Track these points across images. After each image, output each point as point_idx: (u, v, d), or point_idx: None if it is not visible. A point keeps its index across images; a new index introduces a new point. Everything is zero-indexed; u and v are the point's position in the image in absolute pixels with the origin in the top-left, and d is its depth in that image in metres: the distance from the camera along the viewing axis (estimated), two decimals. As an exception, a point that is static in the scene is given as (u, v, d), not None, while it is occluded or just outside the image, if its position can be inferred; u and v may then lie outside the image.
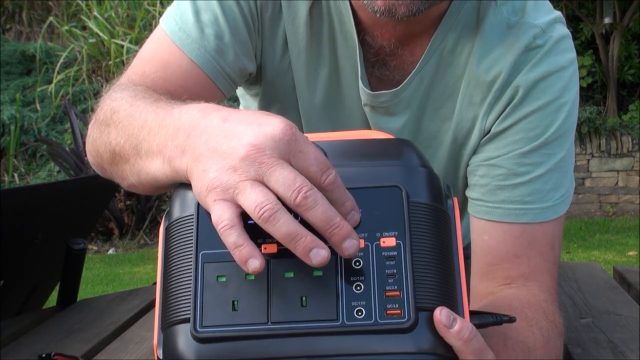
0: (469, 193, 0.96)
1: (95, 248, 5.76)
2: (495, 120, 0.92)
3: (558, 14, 0.94)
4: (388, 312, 0.57)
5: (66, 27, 7.36)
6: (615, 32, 6.44)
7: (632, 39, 6.72)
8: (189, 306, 0.58)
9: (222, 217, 0.56)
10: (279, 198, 0.56)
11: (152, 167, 0.68)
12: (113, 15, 7.13)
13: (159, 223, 6.03)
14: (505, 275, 0.90)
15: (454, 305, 0.61)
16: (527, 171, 0.91)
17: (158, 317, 0.62)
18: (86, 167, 5.62)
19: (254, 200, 0.55)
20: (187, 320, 0.58)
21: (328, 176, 0.57)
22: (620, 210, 6.18)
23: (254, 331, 0.56)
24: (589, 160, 6.14)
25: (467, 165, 0.97)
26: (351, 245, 0.56)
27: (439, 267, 0.60)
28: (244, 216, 0.57)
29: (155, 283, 1.53)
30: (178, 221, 0.63)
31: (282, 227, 0.54)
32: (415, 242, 0.60)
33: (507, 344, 0.76)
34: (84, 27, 7.35)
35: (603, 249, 4.83)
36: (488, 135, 0.93)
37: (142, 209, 5.92)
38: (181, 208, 0.63)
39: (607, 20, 6.34)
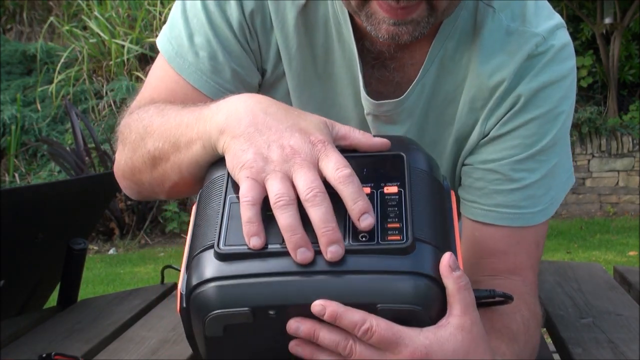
0: (463, 194, 0.97)
1: (95, 248, 5.76)
2: (495, 125, 0.94)
3: (559, 19, 0.95)
4: (389, 237, 0.64)
5: (67, 27, 7.36)
6: (616, 32, 6.44)
7: (632, 39, 6.72)
8: (215, 235, 0.66)
9: (248, 193, 0.65)
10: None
11: (192, 154, 0.76)
12: (114, 15, 7.13)
13: (160, 223, 6.04)
14: (491, 268, 0.94)
15: (449, 248, 0.67)
16: (522, 177, 0.93)
17: (185, 259, 0.68)
18: (87, 167, 5.62)
19: (278, 189, 0.65)
20: (211, 247, 0.65)
21: (342, 171, 0.65)
22: (621, 210, 6.18)
23: (270, 249, 0.64)
24: (589, 160, 6.13)
25: (463, 165, 0.98)
26: (335, 250, 0.63)
27: (435, 213, 0.69)
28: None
29: (163, 281, 1.52)
30: (211, 181, 0.72)
31: (288, 218, 0.63)
32: (415, 192, 0.68)
33: (495, 326, 0.80)
34: (85, 27, 7.35)
35: (603, 249, 4.83)
36: (486, 138, 0.95)
37: (143, 209, 5.92)
38: (212, 175, 0.73)
39: (607, 20, 6.34)
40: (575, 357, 1.02)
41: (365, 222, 0.64)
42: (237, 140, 0.68)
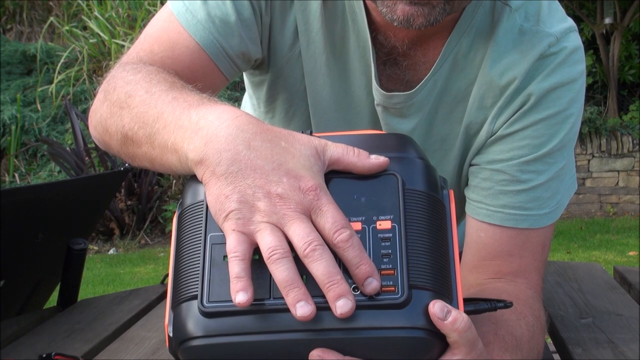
0: (469, 194, 0.97)
1: (95, 248, 5.76)
2: (504, 124, 0.94)
3: (572, 22, 0.95)
4: (383, 289, 0.60)
5: (67, 27, 7.37)
6: (616, 33, 6.44)
7: (632, 39, 6.72)
8: (197, 284, 0.61)
9: (236, 247, 0.60)
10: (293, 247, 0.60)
11: (167, 161, 0.71)
12: (114, 15, 7.14)
13: (160, 223, 6.04)
14: (496, 270, 0.93)
15: (447, 285, 0.64)
16: (529, 179, 0.93)
17: (169, 298, 0.65)
18: (87, 167, 5.62)
19: (270, 242, 0.60)
20: (195, 297, 0.61)
21: (340, 235, 0.60)
22: (621, 210, 6.18)
23: (257, 306, 0.60)
24: (589, 161, 6.14)
25: (470, 165, 0.98)
26: (344, 304, 0.58)
27: (432, 249, 0.63)
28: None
29: (163, 281, 1.52)
30: (190, 207, 0.67)
31: (284, 271, 0.59)
32: (410, 225, 0.63)
33: (498, 333, 0.79)
34: (85, 27, 7.35)
35: (603, 249, 4.84)
36: (494, 137, 0.95)
37: (143, 209, 5.92)
38: (193, 196, 0.67)
39: (607, 20, 6.34)
40: (575, 357, 1.02)
41: (370, 286, 0.60)
42: (218, 180, 0.63)
